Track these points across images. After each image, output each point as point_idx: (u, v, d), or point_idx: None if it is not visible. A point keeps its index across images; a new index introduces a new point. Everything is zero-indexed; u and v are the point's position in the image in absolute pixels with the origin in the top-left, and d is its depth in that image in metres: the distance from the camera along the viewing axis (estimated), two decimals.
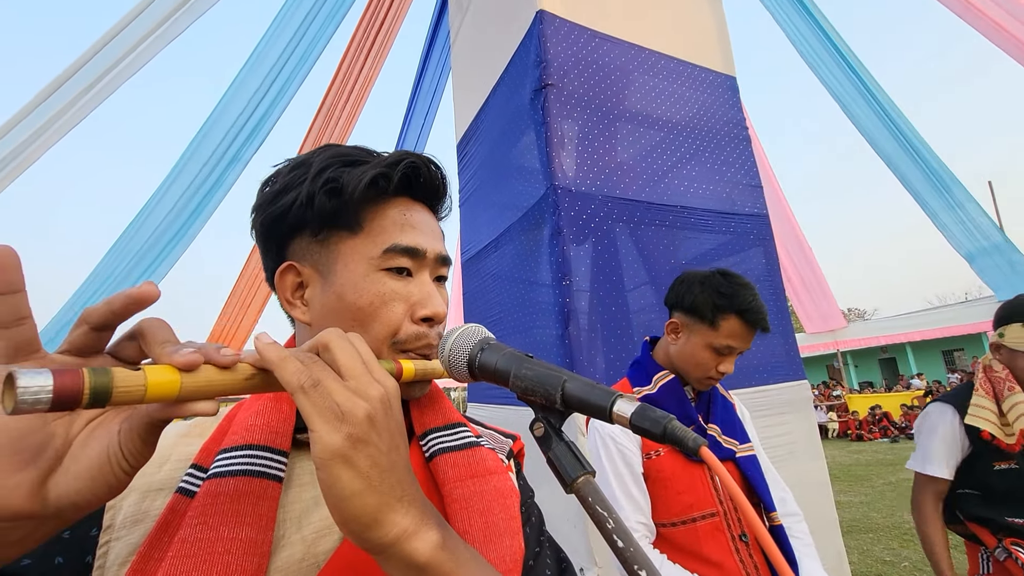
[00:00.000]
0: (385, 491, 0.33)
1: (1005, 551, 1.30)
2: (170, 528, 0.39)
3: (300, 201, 0.46)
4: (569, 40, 2.08)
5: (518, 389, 0.36)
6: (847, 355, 21.21)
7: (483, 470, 0.49)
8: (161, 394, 0.29)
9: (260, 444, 0.43)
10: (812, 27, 6.24)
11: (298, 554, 0.42)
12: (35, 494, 0.28)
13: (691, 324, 1.12)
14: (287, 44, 5.00)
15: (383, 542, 0.32)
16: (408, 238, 0.48)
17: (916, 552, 3.97)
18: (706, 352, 1.09)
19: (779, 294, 2.29)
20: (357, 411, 0.32)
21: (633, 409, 0.31)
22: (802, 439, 2.11)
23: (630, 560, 0.29)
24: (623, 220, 2.00)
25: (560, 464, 0.33)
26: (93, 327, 0.30)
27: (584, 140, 2.00)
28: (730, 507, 1.07)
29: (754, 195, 2.37)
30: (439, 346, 0.44)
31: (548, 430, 0.35)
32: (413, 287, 0.49)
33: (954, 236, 8.56)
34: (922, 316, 14.81)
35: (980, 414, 1.35)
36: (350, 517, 0.32)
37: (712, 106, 2.40)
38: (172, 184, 5.26)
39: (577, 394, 0.34)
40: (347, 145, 0.50)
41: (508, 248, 2.30)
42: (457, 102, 3.16)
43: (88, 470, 0.29)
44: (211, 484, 0.40)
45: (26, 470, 0.28)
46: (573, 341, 1.76)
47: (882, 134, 7.18)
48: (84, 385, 0.26)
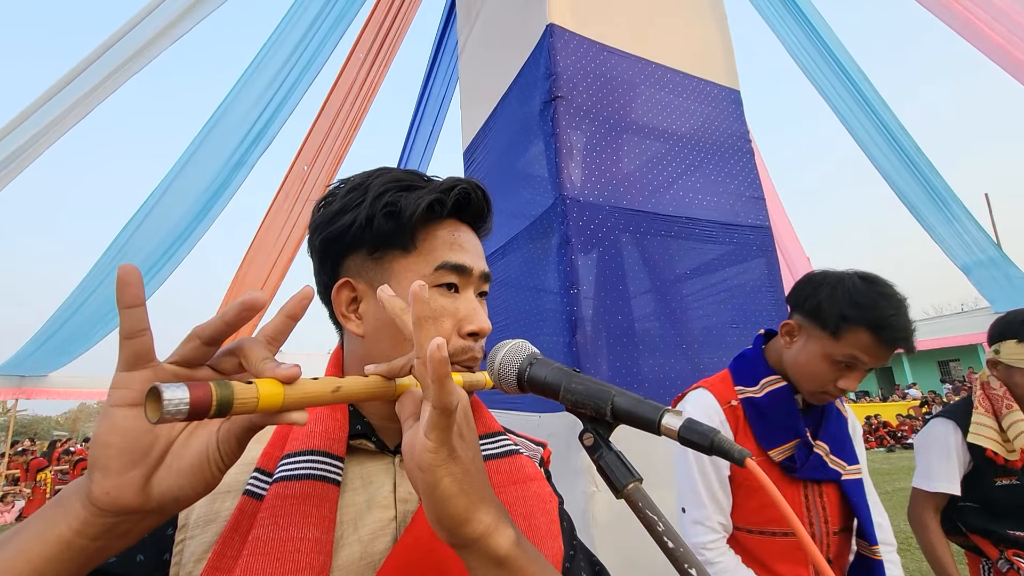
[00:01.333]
0: (472, 492, 0.36)
1: (1008, 562, 1.34)
2: (240, 528, 0.42)
3: (360, 222, 0.49)
4: (578, 53, 2.13)
5: (568, 402, 0.40)
6: None
7: (523, 476, 0.53)
8: (269, 404, 0.32)
9: (320, 450, 0.46)
10: (812, 39, 6.32)
11: (357, 554, 0.45)
12: (142, 490, 0.31)
13: (810, 329, 1.00)
14: (293, 49, 5.05)
15: (471, 537, 0.36)
16: (457, 257, 0.52)
17: (913, 561, 4.01)
18: (823, 364, 0.97)
19: (780, 304, 2.33)
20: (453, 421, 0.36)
21: (681, 423, 0.35)
22: None
23: (680, 559, 0.32)
24: (629, 230, 2.04)
25: (611, 471, 0.37)
26: (205, 341, 0.33)
27: (592, 151, 2.04)
28: (823, 531, 1.01)
29: (756, 207, 2.41)
30: (488, 359, 0.47)
31: (597, 440, 0.38)
32: (460, 303, 0.52)
33: (951, 248, 8.66)
34: (918, 326, 14.89)
35: (982, 432, 1.38)
36: (445, 515, 0.35)
37: (716, 119, 2.45)
38: (177, 185, 5.29)
39: (626, 408, 0.37)
40: (400, 169, 0.54)
41: (515, 256, 2.33)
42: (464, 110, 3.21)
43: (189, 468, 0.32)
44: (278, 487, 0.43)
45: (136, 468, 0.31)
46: (580, 348, 1.79)
47: (880, 148, 7.26)
48: (212, 398, 0.29)
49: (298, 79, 5.24)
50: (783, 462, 1.02)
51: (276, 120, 5.33)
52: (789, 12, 6.18)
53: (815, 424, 1.07)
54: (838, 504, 1.04)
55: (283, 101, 5.24)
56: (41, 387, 9.95)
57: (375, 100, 6.47)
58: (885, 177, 7.73)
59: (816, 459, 1.02)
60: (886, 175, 7.71)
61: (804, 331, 1.03)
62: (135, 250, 5.48)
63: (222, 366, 0.36)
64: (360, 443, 0.51)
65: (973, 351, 17.82)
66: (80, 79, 3.45)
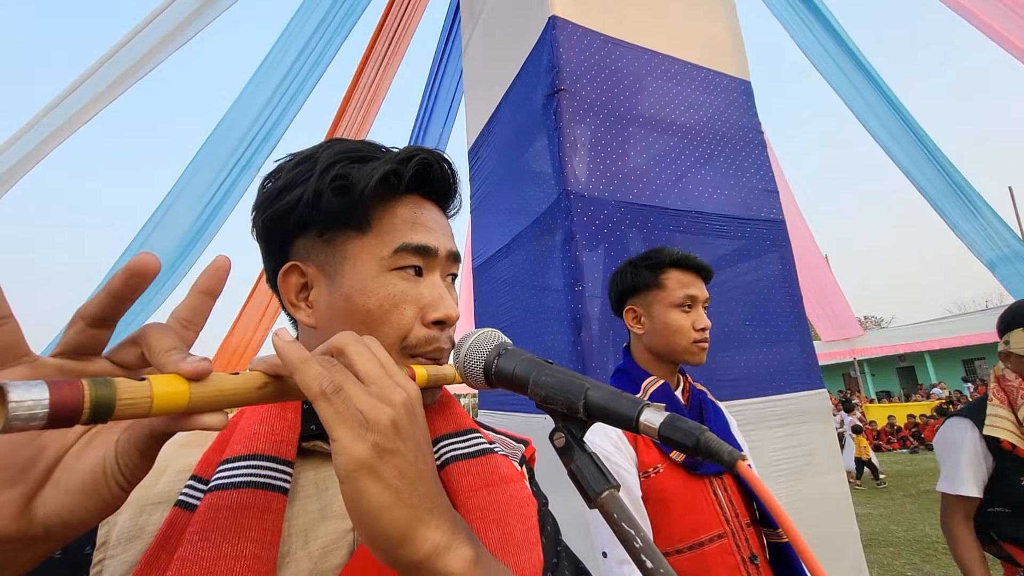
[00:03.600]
0: (414, 503, 0.31)
1: None
2: (168, 545, 0.37)
3: (306, 199, 0.44)
4: (582, 45, 2.07)
5: (537, 397, 0.35)
6: (864, 364, 20.82)
7: (498, 478, 0.47)
8: (168, 406, 0.27)
9: (265, 454, 0.41)
10: (826, 33, 6.17)
11: (304, 571, 0.39)
12: (22, 514, 0.26)
13: (643, 300, 1.12)
14: (300, 50, 5.08)
15: (414, 559, 0.30)
16: (419, 236, 0.47)
17: (939, 567, 3.86)
18: (674, 313, 1.07)
19: (796, 300, 2.25)
20: (382, 418, 0.30)
21: (662, 420, 0.29)
22: (821, 449, 2.05)
23: (646, 567, 0.27)
24: (636, 225, 1.98)
25: (583, 477, 0.31)
26: (90, 322, 0.28)
27: (597, 145, 1.98)
28: (737, 526, 0.98)
29: (770, 200, 2.34)
30: (454, 351, 0.42)
31: (569, 440, 0.33)
32: (424, 288, 0.47)
33: (975, 244, 8.39)
34: (941, 324, 14.52)
35: (998, 424, 1.29)
36: (378, 533, 0.30)
37: (727, 111, 2.38)
38: (185, 190, 5.36)
39: (600, 403, 0.32)
40: (354, 140, 0.48)
41: (520, 254, 2.29)
42: (469, 108, 3.17)
43: (81, 485, 0.27)
44: (212, 497, 0.38)
45: (13, 488, 0.26)
46: (585, 347, 1.73)
47: (898, 143, 7.06)
48: (84, 398, 0.23)
49: (303, 82, 5.28)
50: (684, 462, 1.01)
51: (281, 123, 5.37)
52: (800, 3, 6.05)
53: (697, 417, 1.10)
54: (739, 494, 1.04)
55: (289, 103, 5.29)
56: None
57: (384, 100, 6.49)
58: (905, 173, 7.51)
59: None
60: (906, 171, 7.50)
61: (642, 307, 1.12)
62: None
63: (123, 358, 0.30)
64: (315, 445, 0.45)
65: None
66: (89, 82, 3.49)
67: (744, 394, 2.01)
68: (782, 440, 1.99)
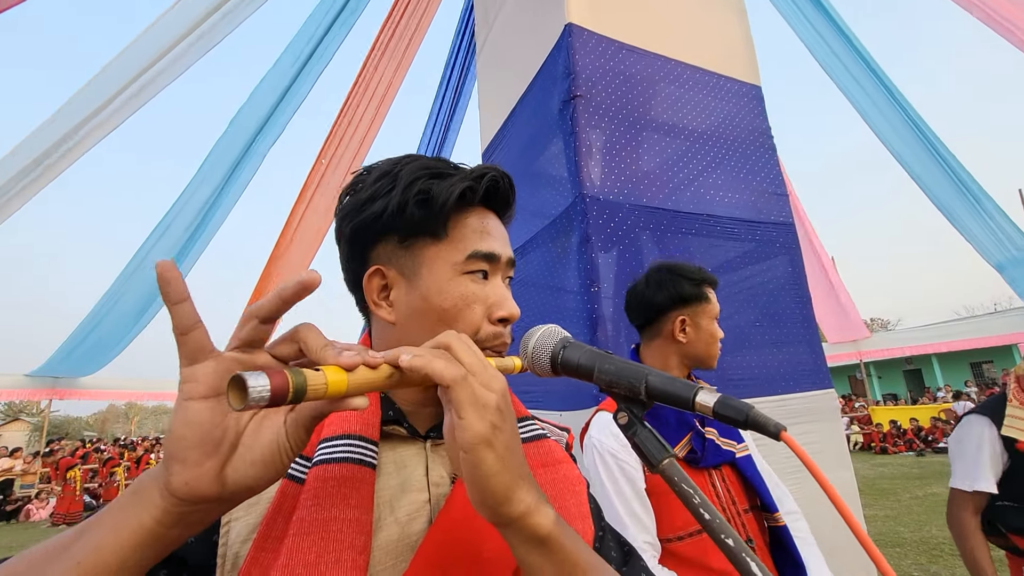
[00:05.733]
0: (514, 470, 0.37)
1: None
2: (283, 510, 0.43)
3: (391, 209, 0.50)
4: (597, 52, 2.13)
5: (602, 383, 0.40)
6: (870, 366, 20.73)
7: (552, 460, 0.53)
8: (335, 391, 0.33)
9: (356, 434, 0.47)
10: (834, 34, 6.19)
11: (395, 535, 0.46)
12: (217, 479, 0.32)
13: (695, 311, 1.18)
14: (305, 44, 5.25)
15: (512, 516, 0.37)
16: (487, 244, 0.52)
17: (946, 568, 3.88)
18: (714, 325, 1.19)
19: (805, 302, 2.29)
20: (490, 402, 0.37)
21: (715, 400, 0.35)
22: (829, 449, 2.10)
23: (717, 530, 0.32)
24: (649, 228, 2.03)
25: (646, 448, 0.37)
26: (262, 320, 0.34)
27: (611, 150, 2.04)
28: (734, 513, 1.06)
29: (780, 203, 2.38)
30: (521, 344, 0.48)
31: (632, 418, 0.39)
32: (490, 290, 0.53)
33: (983, 246, 8.38)
34: (949, 327, 14.44)
35: (1017, 424, 1.34)
36: (489, 494, 0.36)
37: (737, 115, 2.42)
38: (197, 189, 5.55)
39: (660, 386, 0.38)
40: (430, 157, 0.54)
41: (535, 255, 2.34)
42: (483, 110, 3.22)
43: (262, 458, 0.33)
44: (318, 470, 0.44)
45: (211, 459, 0.32)
46: (600, 347, 1.78)
47: (907, 145, 7.06)
48: (289, 385, 0.30)
49: (305, 74, 5.45)
50: (686, 456, 1.08)
51: (285, 112, 5.58)
52: (813, 10, 6.07)
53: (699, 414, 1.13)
54: (738, 483, 1.11)
55: (292, 95, 5.48)
56: (73, 388, 10.29)
57: (394, 98, 6.59)
58: (914, 177, 7.52)
59: (711, 444, 1.11)
60: (915, 176, 7.51)
61: (692, 318, 1.18)
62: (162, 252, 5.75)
63: (280, 352, 0.36)
64: (392, 429, 0.52)
65: (1007, 352, 17.15)
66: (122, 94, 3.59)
67: (754, 393, 2.06)
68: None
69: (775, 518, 1.07)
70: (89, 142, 4.27)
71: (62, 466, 9.83)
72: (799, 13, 6.31)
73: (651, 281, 1.23)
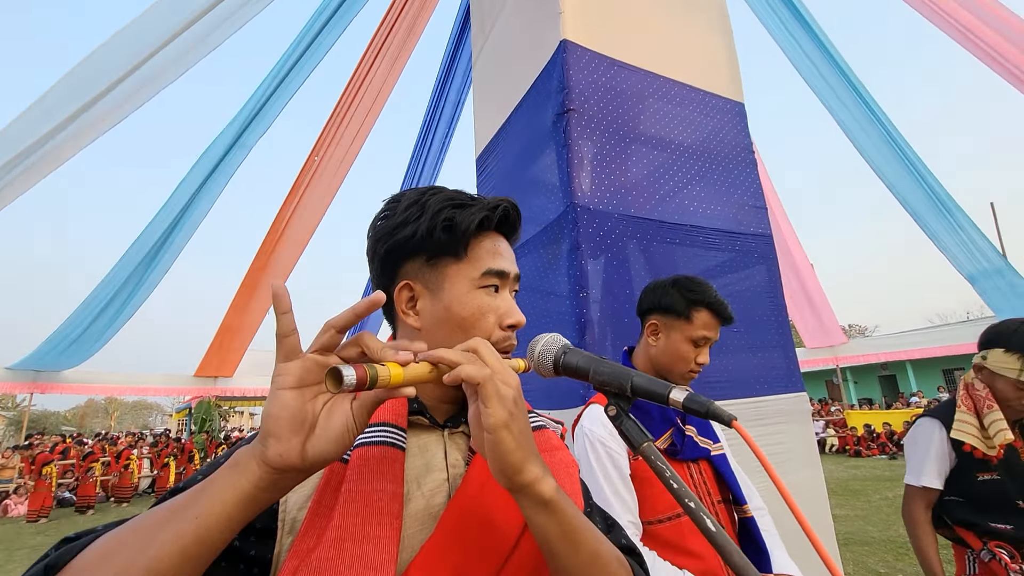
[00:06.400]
0: (525, 448, 0.47)
1: (990, 553, 1.42)
2: (331, 483, 0.53)
3: (420, 234, 0.59)
4: (590, 68, 2.23)
5: (596, 382, 0.50)
6: (847, 371, 21.26)
7: (551, 446, 0.64)
8: (394, 382, 0.43)
9: (390, 422, 0.57)
10: (816, 49, 6.40)
11: (421, 506, 0.55)
12: (302, 452, 0.41)
13: (669, 322, 1.24)
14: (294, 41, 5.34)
15: (524, 483, 0.47)
16: (499, 263, 0.62)
17: (910, 564, 4.07)
18: (686, 345, 1.21)
19: (780, 309, 2.42)
20: (509, 395, 0.47)
21: (684, 395, 0.45)
22: (799, 449, 2.23)
23: (681, 496, 0.42)
24: (636, 237, 2.14)
25: (630, 435, 0.47)
26: (339, 330, 0.44)
27: (602, 162, 2.14)
28: (708, 503, 1.16)
29: (758, 216, 2.51)
30: (529, 348, 0.58)
31: (620, 411, 0.49)
32: (500, 301, 0.63)
33: (956, 258, 8.70)
34: (922, 334, 14.83)
35: (964, 429, 1.47)
36: (507, 465, 0.46)
37: (721, 130, 2.55)
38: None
39: (642, 385, 0.48)
40: (451, 189, 0.64)
41: (526, 260, 2.43)
42: (478, 118, 3.31)
43: (336, 435, 0.43)
44: (361, 451, 0.54)
45: (297, 436, 0.42)
46: (588, 350, 1.88)
47: (884, 157, 7.31)
48: (367, 376, 0.40)
49: (294, 68, 5.53)
50: (667, 449, 1.19)
51: (273, 107, 5.67)
52: (793, 23, 6.27)
53: (681, 413, 1.26)
54: (713, 477, 1.22)
55: (278, 90, 5.56)
56: (54, 382, 10.12)
57: (388, 100, 6.65)
58: (889, 187, 7.79)
59: (690, 440, 1.21)
60: (890, 185, 7.77)
61: (665, 326, 1.26)
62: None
63: (347, 354, 0.45)
64: (417, 419, 0.61)
65: None
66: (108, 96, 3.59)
67: (731, 395, 2.18)
68: (763, 438, 2.16)
69: (744, 510, 1.18)
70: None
71: (38, 461, 9.65)
72: (789, 37, 6.52)
73: (659, 284, 1.32)
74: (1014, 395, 1.43)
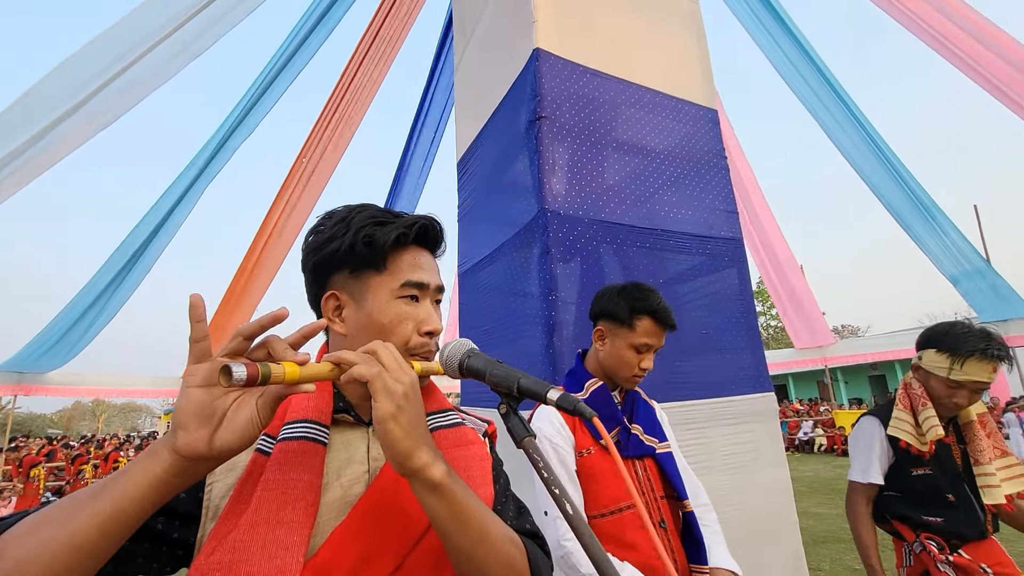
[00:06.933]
0: (415, 438, 0.52)
1: (920, 544, 1.49)
2: (254, 474, 0.57)
3: (344, 248, 0.65)
4: (563, 76, 2.28)
5: (491, 383, 0.55)
6: (837, 372, 21.47)
7: (465, 441, 0.69)
8: (290, 379, 0.48)
9: (312, 419, 0.62)
10: (798, 53, 6.50)
11: (338, 495, 0.60)
12: (209, 442, 0.46)
13: (614, 329, 1.29)
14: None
15: (413, 468, 0.51)
16: (417, 275, 0.67)
17: (886, 561, 4.15)
18: (629, 352, 1.26)
19: (750, 312, 2.48)
20: (399, 390, 0.51)
21: (558, 396, 0.50)
22: (766, 447, 2.29)
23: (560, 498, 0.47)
24: (607, 241, 2.19)
25: (515, 430, 0.52)
26: (245, 337, 0.48)
27: (574, 167, 2.19)
28: (651, 498, 1.21)
29: (730, 220, 2.56)
30: (439, 352, 0.62)
31: (509, 409, 0.53)
32: (419, 310, 0.68)
33: (938, 259, 8.84)
34: (911, 334, 14.96)
35: (899, 426, 1.54)
36: (397, 453, 0.51)
37: (693, 137, 2.60)
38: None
39: (527, 386, 0.53)
40: (376, 207, 0.69)
41: (502, 262, 2.48)
42: (459, 122, 3.36)
43: (241, 428, 0.48)
44: (282, 445, 0.59)
45: (204, 428, 0.46)
46: (557, 351, 1.93)
47: (867, 160, 7.43)
48: (259, 373, 0.45)
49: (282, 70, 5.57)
50: None
51: (259, 109, 5.70)
52: (775, 28, 6.36)
53: (629, 412, 1.33)
54: (657, 474, 1.27)
55: (265, 93, 5.60)
56: (39, 384, 10.04)
57: (374, 99, 6.70)
58: (872, 189, 7.91)
59: (635, 439, 1.27)
60: (874, 187, 7.89)
61: (609, 332, 1.31)
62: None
63: (256, 355, 0.50)
64: (342, 417, 0.66)
65: None
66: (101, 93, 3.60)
67: (700, 395, 2.23)
68: (732, 437, 2.22)
69: (684, 505, 1.23)
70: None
71: (25, 464, 9.60)
72: (775, 46, 6.61)
73: (607, 291, 1.38)
74: (946, 393, 1.50)
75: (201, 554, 0.52)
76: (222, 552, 0.51)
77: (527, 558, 0.60)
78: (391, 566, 0.57)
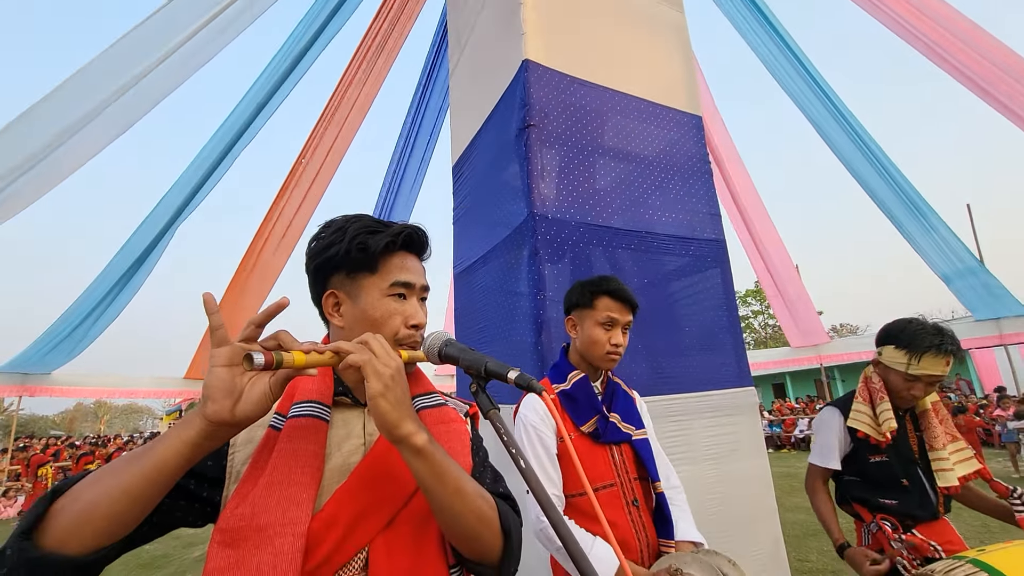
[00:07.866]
0: (400, 411, 0.63)
1: (876, 525, 1.61)
2: (268, 445, 0.69)
3: (340, 254, 0.76)
4: (551, 85, 2.39)
5: (464, 366, 0.66)
6: (835, 370, 21.59)
7: (447, 419, 0.80)
8: (298, 364, 0.59)
9: (316, 400, 0.73)
10: (788, 55, 6.61)
11: (339, 462, 0.72)
12: (232, 411, 0.57)
13: (580, 314, 1.42)
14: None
15: (400, 436, 0.62)
16: (404, 276, 0.79)
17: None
18: (597, 330, 1.37)
19: (732, 310, 2.59)
20: (386, 372, 0.62)
21: (516, 375, 0.61)
22: (746, 439, 2.40)
23: (526, 472, 0.58)
24: (594, 243, 2.30)
25: (483, 404, 0.63)
26: (257, 325, 0.60)
27: (562, 173, 2.30)
28: (625, 479, 1.33)
29: (713, 223, 2.67)
30: (423, 342, 0.74)
31: (478, 387, 0.65)
32: (407, 306, 0.79)
33: (931, 258, 8.95)
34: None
35: (858, 418, 1.66)
36: (385, 423, 0.62)
37: (678, 143, 2.71)
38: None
39: (492, 368, 0.64)
40: (370, 217, 0.80)
41: (495, 263, 2.59)
42: (454, 127, 3.47)
43: (256, 400, 0.59)
44: (292, 421, 0.70)
45: (228, 399, 0.57)
46: (545, 346, 2.04)
47: (858, 160, 7.53)
48: (273, 359, 0.57)
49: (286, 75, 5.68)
50: (591, 432, 1.36)
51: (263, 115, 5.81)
52: (763, 26, 6.47)
53: (608, 402, 1.43)
54: (633, 458, 1.38)
55: (270, 98, 5.71)
56: (43, 385, 10.16)
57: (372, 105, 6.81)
58: (865, 188, 8.02)
59: (612, 427, 1.37)
60: (866, 186, 8.00)
61: (578, 319, 1.44)
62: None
63: (266, 345, 0.61)
64: (341, 399, 0.78)
65: (960, 357, 17.99)
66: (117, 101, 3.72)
67: (685, 389, 2.34)
68: (714, 429, 2.33)
69: (656, 486, 1.35)
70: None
71: (33, 463, 9.73)
72: (769, 48, 6.72)
73: (573, 286, 1.50)
74: (903, 386, 1.61)
75: (227, 508, 0.63)
76: (244, 506, 0.63)
77: (497, 513, 0.71)
78: (384, 520, 0.69)
